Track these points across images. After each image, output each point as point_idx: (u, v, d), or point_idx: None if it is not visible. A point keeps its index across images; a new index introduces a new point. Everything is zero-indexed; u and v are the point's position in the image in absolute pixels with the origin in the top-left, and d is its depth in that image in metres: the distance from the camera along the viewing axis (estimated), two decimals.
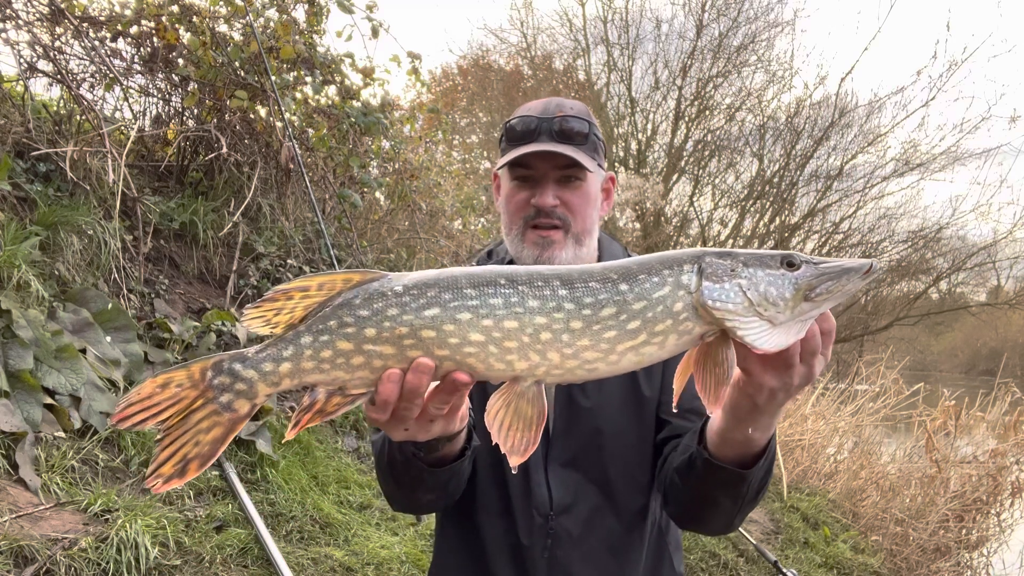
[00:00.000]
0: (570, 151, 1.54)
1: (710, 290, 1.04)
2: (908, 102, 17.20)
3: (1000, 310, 20.52)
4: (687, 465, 1.39)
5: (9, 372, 3.29)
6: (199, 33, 5.37)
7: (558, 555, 1.55)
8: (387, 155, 7.22)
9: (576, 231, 1.59)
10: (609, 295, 1.03)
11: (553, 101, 1.62)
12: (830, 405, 8.85)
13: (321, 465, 4.48)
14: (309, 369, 1.03)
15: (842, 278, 1.04)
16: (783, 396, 1.12)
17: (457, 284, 1.02)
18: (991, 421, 7.99)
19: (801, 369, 1.08)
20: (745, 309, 1.03)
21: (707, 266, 1.05)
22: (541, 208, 1.57)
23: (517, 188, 1.61)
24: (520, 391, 1.04)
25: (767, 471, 1.31)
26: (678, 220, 19.56)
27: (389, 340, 1.01)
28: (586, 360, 1.04)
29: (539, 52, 20.02)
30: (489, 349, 1.01)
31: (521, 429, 1.04)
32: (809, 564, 5.92)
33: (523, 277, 1.04)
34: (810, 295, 1.04)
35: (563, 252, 1.58)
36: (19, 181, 4.25)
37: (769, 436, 1.24)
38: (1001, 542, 7.42)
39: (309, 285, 1.03)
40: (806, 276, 1.04)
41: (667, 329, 1.04)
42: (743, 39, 18.07)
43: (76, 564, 2.79)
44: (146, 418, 1.01)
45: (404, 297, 1.02)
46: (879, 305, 20.14)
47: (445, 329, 1.01)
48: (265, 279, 5.60)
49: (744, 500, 1.33)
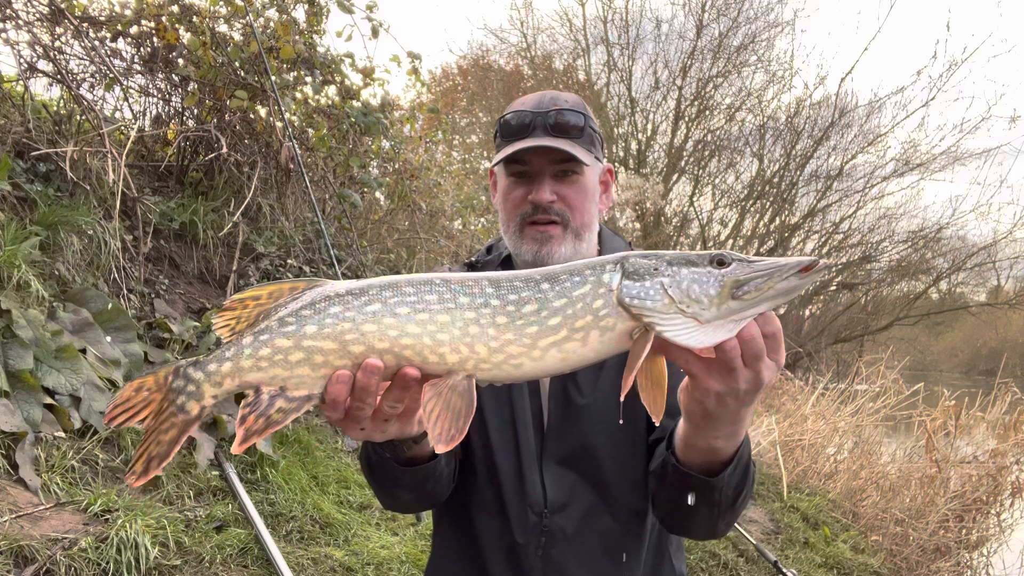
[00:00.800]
0: (566, 145, 1.52)
1: (629, 287, 1.05)
2: (908, 102, 17.23)
3: (1000, 310, 20.52)
4: (661, 470, 1.39)
5: (9, 372, 3.29)
6: (199, 33, 5.36)
7: (552, 553, 1.55)
8: (387, 155, 7.22)
9: (575, 226, 1.58)
10: (531, 293, 1.08)
11: (548, 94, 1.60)
12: (830, 405, 8.85)
13: (321, 465, 4.48)
14: (248, 368, 1.07)
15: (774, 276, 1.03)
16: (733, 402, 1.09)
17: (397, 284, 1.09)
18: (991, 421, 7.99)
19: (746, 373, 1.06)
20: (665, 306, 1.03)
21: (629, 265, 1.08)
22: (538, 204, 1.55)
23: (513, 184, 1.60)
24: (452, 384, 1.08)
25: (741, 479, 1.28)
26: (678, 220, 19.57)
27: (330, 336, 1.06)
28: (511, 355, 1.07)
29: (539, 52, 20.04)
30: (424, 341, 1.06)
31: (450, 420, 1.07)
32: (809, 564, 5.92)
33: (456, 279, 1.10)
34: (737, 293, 1.02)
35: (562, 247, 1.57)
36: (19, 181, 4.25)
37: (736, 444, 1.23)
38: (1001, 542, 7.42)
39: (260, 294, 1.10)
40: (734, 273, 1.04)
41: (587, 325, 1.06)
42: (743, 39, 18.09)
43: (76, 564, 2.79)
44: (128, 418, 1.10)
45: (346, 297, 1.08)
46: (879, 305, 20.15)
47: (385, 322, 1.06)
48: (265, 279, 5.60)
49: (720, 507, 1.31)
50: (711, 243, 19.27)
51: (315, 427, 4.95)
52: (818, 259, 1.04)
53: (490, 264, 1.72)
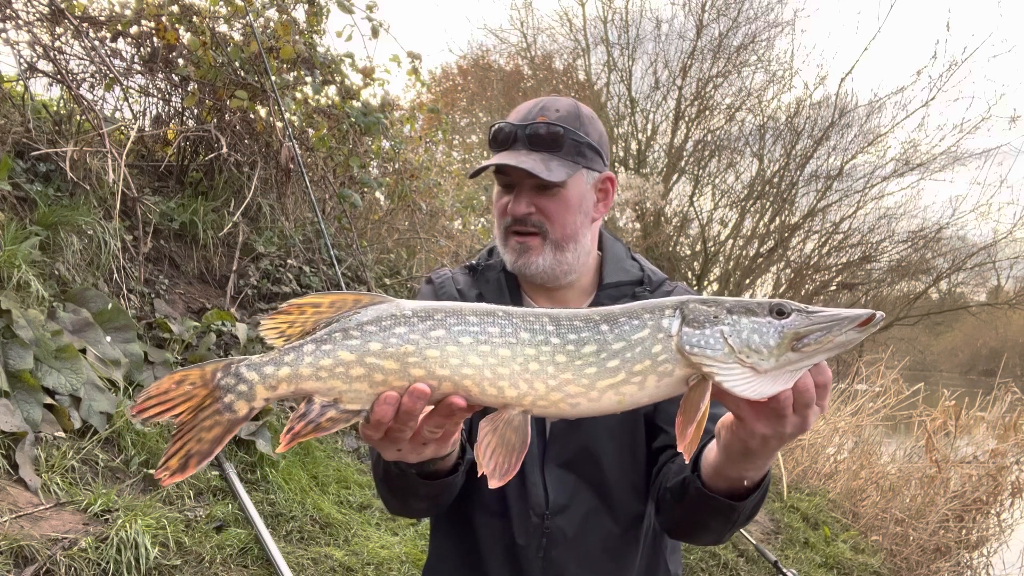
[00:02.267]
0: (539, 160, 1.53)
1: (689, 335, 1.06)
2: (908, 102, 17.19)
3: (1000, 310, 20.51)
4: (680, 488, 1.40)
5: (9, 372, 3.29)
6: (199, 33, 5.36)
7: (553, 555, 1.56)
8: (387, 155, 7.22)
9: (555, 238, 1.58)
10: (591, 333, 1.09)
11: (540, 103, 1.60)
12: (830, 405, 8.85)
13: (321, 465, 4.48)
14: (306, 376, 1.06)
15: (834, 329, 1.03)
16: (776, 443, 1.12)
17: (461, 312, 1.09)
18: (991, 421, 7.98)
19: (794, 420, 1.08)
20: (726, 355, 1.04)
21: (689, 312, 1.08)
22: (515, 216, 1.58)
23: (500, 194, 1.63)
24: (508, 418, 1.09)
25: (760, 500, 1.32)
26: (678, 220, 19.56)
27: (394, 356, 1.06)
28: (569, 394, 1.09)
29: (539, 52, 20.03)
30: (484, 374, 1.07)
31: (504, 454, 1.08)
32: (809, 564, 5.92)
33: (519, 314, 1.11)
34: (797, 345, 1.03)
35: (539, 258, 1.58)
36: (19, 181, 4.25)
37: (764, 473, 1.27)
38: (1001, 542, 7.43)
39: (321, 301, 1.09)
40: (794, 325, 1.04)
41: (645, 370, 1.07)
42: (743, 39, 18.07)
43: (76, 564, 2.79)
44: (161, 412, 1.07)
45: (412, 319, 1.07)
46: (879, 305, 20.12)
47: (448, 350, 1.06)
48: (265, 279, 5.60)
49: (735, 524, 1.35)
50: (711, 243, 19.27)
51: None
52: (875, 312, 1.04)
53: (492, 268, 1.73)
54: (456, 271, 1.78)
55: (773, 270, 19.64)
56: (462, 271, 1.78)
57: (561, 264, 1.60)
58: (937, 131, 27.45)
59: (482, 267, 1.75)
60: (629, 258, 1.76)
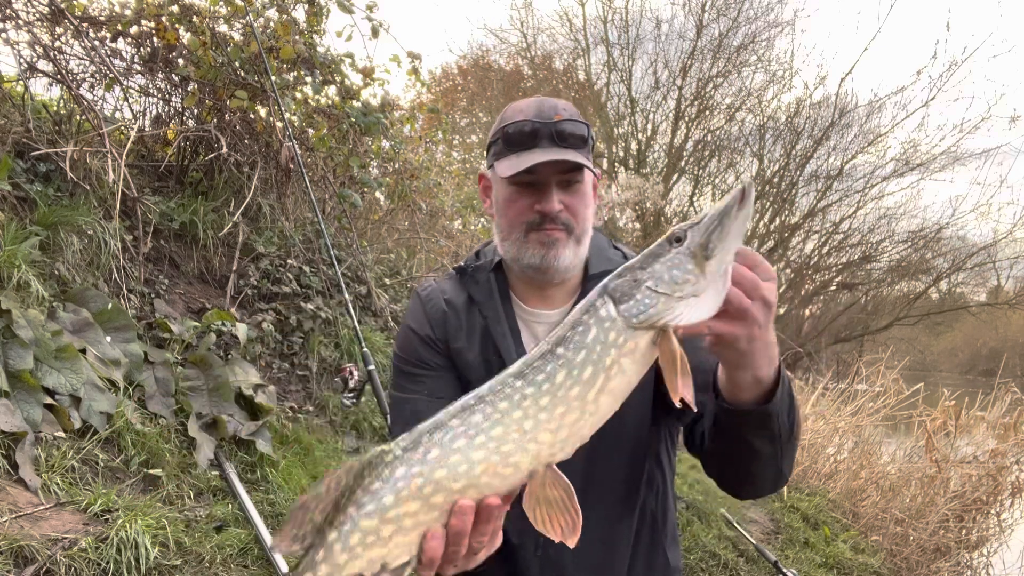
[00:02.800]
0: (574, 156, 1.54)
1: (627, 309, 1.10)
2: (908, 102, 17.22)
3: (1000, 310, 20.51)
4: (714, 425, 1.41)
5: (9, 372, 3.29)
6: (199, 33, 5.36)
7: (550, 553, 1.57)
8: (387, 155, 7.21)
9: (577, 233, 1.61)
10: (553, 363, 1.11)
11: (546, 103, 1.61)
12: (830, 405, 8.85)
13: (321, 465, 4.48)
14: (344, 562, 1.06)
15: (724, 221, 1.09)
16: (759, 331, 1.15)
17: (442, 424, 1.10)
18: (991, 421, 7.98)
19: (757, 304, 1.12)
20: (665, 302, 1.08)
21: (614, 291, 1.12)
22: (547, 214, 1.57)
23: (518, 193, 1.60)
24: (540, 483, 1.10)
25: (791, 405, 1.32)
26: (678, 220, 19.55)
27: (409, 497, 1.07)
28: (571, 423, 1.10)
29: (539, 52, 20.04)
30: (493, 460, 1.08)
31: (560, 512, 1.09)
32: (809, 564, 5.92)
33: (486, 392, 1.12)
34: (708, 254, 1.08)
35: (566, 251, 1.60)
36: (19, 181, 4.25)
37: (776, 367, 1.26)
38: (1001, 542, 7.43)
39: (320, 490, 1.09)
40: (695, 241, 1.09)
41: (615, 359, 1.10)
42: (743, 39, 18.09)
43: (76, 564, 2.79)
44: None
45: (404, 455, 1.08)
46: (879, 305, 20.15)
47: (451, 462, 1.08)
48: (265, 279, 5.60)
49: (781, 440, 1.33)
50: None
51: (315, 427, 4.95)
52: (743, 186, 1.11)
53: (481, 270, 1.73)
54: (442, 280, 1.80)
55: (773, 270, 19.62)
56: (449, 277, 1.79)
57: (578, 257, 1.63)
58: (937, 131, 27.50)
59: (472, 269, 1.75)
60: (611, 247, 1.77)
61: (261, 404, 4.36)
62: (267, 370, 5.13)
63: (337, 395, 5.26)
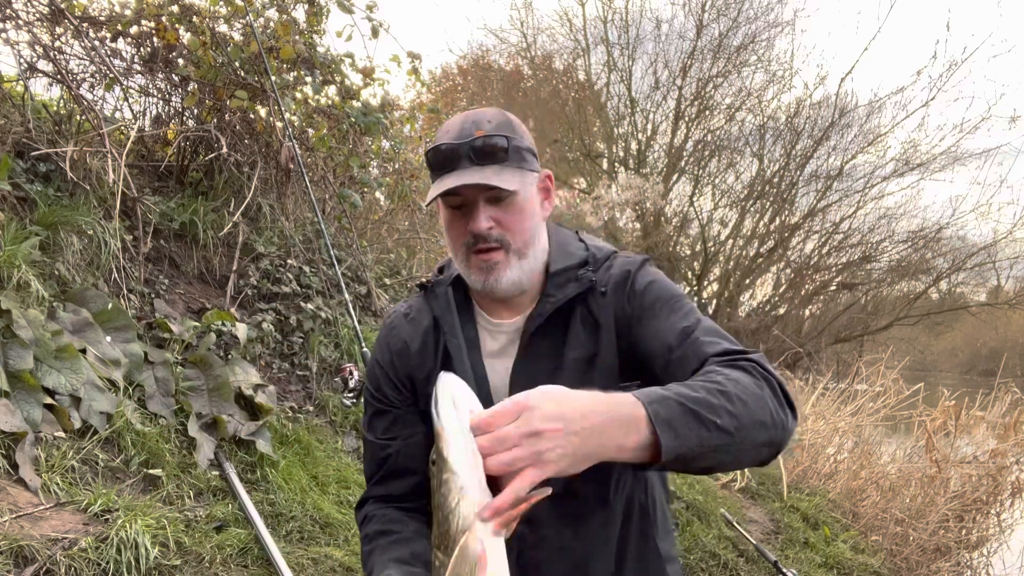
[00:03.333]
0: (491, 173, 1.51)
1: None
2: (908, 102, 17.19)
3: (1000, 310, 20.50)
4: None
5: (9, 372, 3.29)
6: (199, 33, 5.36)
7: (528, 557, 1.57)
8: (387, 155, 7.21)
9: (517, 247, 1.57)
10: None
11: (470, 118, 1.58)
12: (830, 405, 8.85)
13: (321, 465, 4.48)
14: None
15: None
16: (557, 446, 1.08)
17: None
18: (991, 421, 7.99)
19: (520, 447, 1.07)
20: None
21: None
22: (476, 234, 1.55)
23: (452, 216, 1.59)
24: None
25: (703, 417, 1.16)
26: (678, 220, 19.56)
27: None
28: None
29: (539, 52, 20.03)
30: None
31: None
32: (809, 564, 5.92)
33: None
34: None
35: (508, 271, 1.57)
36: (19, 181, 4.25)
37: (641, 421, 1.13)
38: (1001, 542, 7.43)
39: None
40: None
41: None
42: (743, 39, 18.07)
43: (76, 564, 2.79)
44: None
45: None
46: (879, 305, 20.13)
47: None
48: (265, 279, 5.60)
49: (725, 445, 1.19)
50: (711, 243, 19.28)
51: (315, 427, 4.94)
52: None
53: (440, 284, 1.74)
54: (410, 298, 1.82)
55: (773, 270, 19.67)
56: (417, 295, 1.80)
57: (525, 272, 1.59)
58: (937, 131, 27.47)
59: (432, 283, 1.76)
60: (576, 240, 1.73)
61: (261, 404, 4.36)
62: (267, 370, 5.13)
63: (337, 395, 5.25)
